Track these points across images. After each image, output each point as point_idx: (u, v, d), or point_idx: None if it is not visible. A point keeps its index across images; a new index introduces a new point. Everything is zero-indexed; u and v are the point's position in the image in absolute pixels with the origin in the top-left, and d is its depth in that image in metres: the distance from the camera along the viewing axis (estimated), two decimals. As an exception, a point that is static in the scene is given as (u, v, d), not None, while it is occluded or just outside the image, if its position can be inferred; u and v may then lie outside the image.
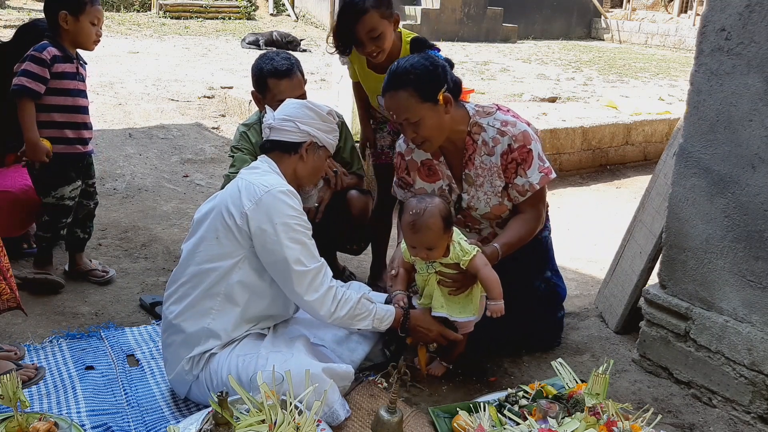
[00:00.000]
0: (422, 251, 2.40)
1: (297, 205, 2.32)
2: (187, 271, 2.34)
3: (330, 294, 2.32)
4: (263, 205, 2.25)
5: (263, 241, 2.26)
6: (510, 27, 15.54)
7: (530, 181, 2.52)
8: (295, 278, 2.27)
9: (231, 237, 2.28)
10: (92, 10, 2.98)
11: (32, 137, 2.94)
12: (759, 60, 2.25)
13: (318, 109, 2.46)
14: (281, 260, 2.26)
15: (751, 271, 2.37)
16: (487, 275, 2.39)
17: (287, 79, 2.90)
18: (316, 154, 2.46)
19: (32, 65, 2.91)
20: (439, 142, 2.54)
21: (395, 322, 2.45)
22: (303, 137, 2.41)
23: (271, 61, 2.94)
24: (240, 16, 15.68)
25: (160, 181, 4.91)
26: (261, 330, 2.43)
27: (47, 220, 3.12)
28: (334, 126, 2.50)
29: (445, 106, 2.45)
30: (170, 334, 2.36)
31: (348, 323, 2.39)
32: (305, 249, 2.29)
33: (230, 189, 2.36)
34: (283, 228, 2.25)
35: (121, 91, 7.42)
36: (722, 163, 2.40)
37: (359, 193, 3.12)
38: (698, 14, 11.86)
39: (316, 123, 2.43)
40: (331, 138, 2.50)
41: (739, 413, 2.43)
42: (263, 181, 2.31)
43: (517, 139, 2.51)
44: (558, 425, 2.07)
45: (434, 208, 2.35)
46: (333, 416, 2.23)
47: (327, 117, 2.47)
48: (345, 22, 2.84)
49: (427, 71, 2.43)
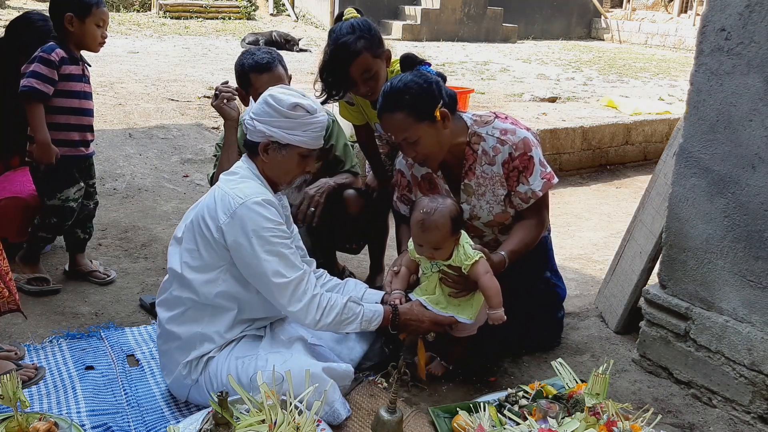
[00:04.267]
0: (428, 250, 2.41)
1: (273, 215, 2.24)
2: (174, 281, 2.34)
3: (314, 302, 2.29)
4: (238, 218, 2.20)
5: (240, 255, 2.23)
6: (510, 27, 15.53)
7: (532, 189, 2.52)
8: (276, 290, 2.25)
9: (210, 249, 2.26)
10: (98, 12, 2.98)
11: (43, 139, 2.93)
12: (759, 60, 2.25)
13: (278, 103, 2.22)
14: (260, 273, 2.23)
15: (751, 271, 2.37)
16: (488, 283, 2.39)
17: (268, 73, 2.89)
18: (280, 154, 2.28)
19: (41, 66, 2.90)
20: (440, 157, 2.53)
21: (385, 321, 2.43)
22: (259, 137, 2.27)
23: (252, 55, 2.93)
24: (240, 16, 15.66)
25: (160, 181, 4.90)
26: (257, 331, 2.43)
27: (54, 222, 3.12)
28: (305, 121, 2.25)
29: (442, 121, 2.43)
30: (165, 341, 2.37)
31: (335, 329, 2.37)
32: (283, 260, 2.24)
33: (207, 199, 2.31)
34: (258, 241, 2.20)
35: (121, 91, 7.41)
36: (722, 163, 2.40)
37: (356, 192, 3.11)
38: (698, 14, 11.86)
39: (274, 120, 2.23)
40: (300, 135, 2.25)
41: (739, 413, 2.43)
42: (238, 191, 2.23)
43: (517, 147, 2.50)
44: (558, 425, 2.07)
45: (445, 209, 2.36)
46: (334, 415, 2.23)
47: (289, 112, 2.22)
48: (337, 64, 2.75)
49: (422, 89, 2.41)
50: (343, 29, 2.76)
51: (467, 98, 5.56)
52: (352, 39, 2.70)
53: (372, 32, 2.77)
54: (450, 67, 10.04)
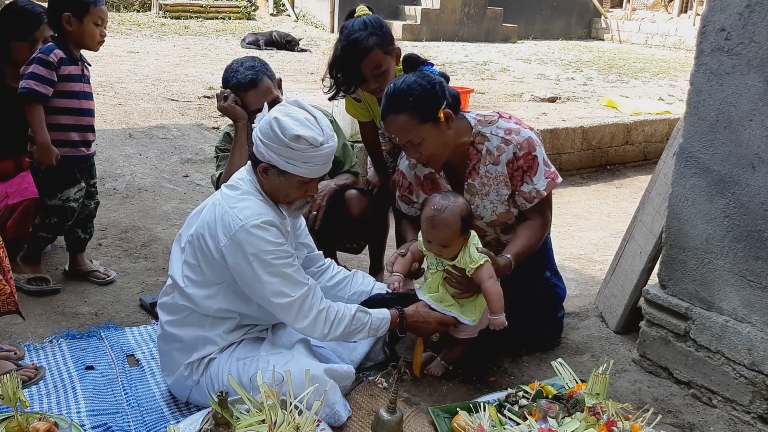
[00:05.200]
0: (436, 247, 2.41)
1: (274, 236, 2.20)
2: (175, 290, 2.34)
3: (321, 317, 2.28)
4: (237, 242, 2.17)
5: (242, 277, 2.22)
6: (510, 27, 15.52)
7: (537, 188, 2.52)
8: (280, 310, 2.25)
9: (211, 266, 2.25)
10: (96, 11, 2.96)
11: (43, 140, 2.93)
12: (759, 60, 2.25)
13: (281, 131, 2.14)
14: (263, 295, 2.23)
15: (751, 271, 2.37)
16: (491, 288, 2.39)
17: (254, 90, 2.85)
18: (279, 179, 2.23)
19: (39, 68, 2.90)
20: (444, 158, 2.52)
21: (392, 325, 2.44)
22: (261, 156, 2.22)
23: (235, 74, 2.87)
24: (240, 16, 15.66)
25: (160, 181, 4.90)
26: (259, 333, 2.43)
27: (55, 222, 3.12)
28: (307, 154, 2.16)
29: (446, 122, 2.42)
30: (166, 342, 2.37)
31: (344, 339, 2.38)
32: (286, 280, 2.22)
33: (208, 215, 2.26)
34: (259, 264, 2.18)
35: (121, 91, 7.41)
36: (722, 163, 2.40)
37: (358, 192, 3.11)
38: (698, 14, 11.86)
39: (275, 146, 2.16)
40: (300, 166, 2.18)
41: (739, 413, 2.43)
42: (238, 212, 2.19)
43: (521, 147, 2.50)
44: (558, 425, 2.07)
45: (456, 208, 2.37)
46: (335, 417, 2.24)
47: (290, 143, 2.14)
48: (349, 60, 2.78)
49: (425, 91, 2.39)
50: (355, 26, 2.78)
51: (467, 98, 5.57)
52: (364, 35, 2.74)
53: (383, 29, 2.80)
54: (450, 67, 10.03)
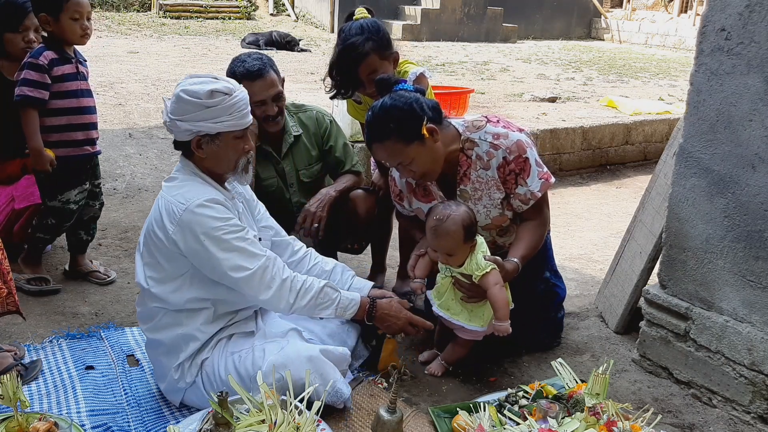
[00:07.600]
0: (442, 256, 2.45)
1: (220, 212, 2.20)
2: (144, 295, 2.34)
3: (285, 286, 2.28)
4: (185, 225, 2.17)
5: (198, 259, 2.22)
6: (510, 27, 15.52)
7: (531, 190, 2.53)
8: (243, 284, 2.24)
9: (169, 259, 2.25)
10: (70, 6, 2.89)
11: (36, 146, 2.92)
12: (759, 60, 2.25)
13: (194, 96, 2.14)
14: (222, 272, 2.21)
15: (751, 271, 2.37)
16: (497, 295, 2.41)
17: (261, 80, 2.84)
18: (214, 145, 2.22)
19: (31, 72, 2.89)
20: (439, 171, 2.53)
21: (361, 311, 2.43)
22: (188, 135, 2.20)
23: (243, 63, 2.87)
24: (240, 16, 15.66)
25: (160, 181, 4.87)
26: (247, 327, 2.42)
27: (53, 223, 3.11)
28: (227, 104, 2.16)
29: (432, 136, 2.43)
30: (152, 349, 2.40)
31: (310, 312, 2.37)
32: (242, 253, 2.21)
33: (153, 211, 2.27)
34: (211, 242, 2.17)
35: (121, 90, 7.41)
36: (722, 163, 2.40)
37: (364, 192, 3.10)
38: (698, 14, 11.86)
39: (196, 114, 2.15)
40: (226, 119, 2.17)
41: (739, 413, 2.43)
42: (180, 197, 2.19)
43: (511, 151, 2.50)
44: (558, 425, 2.07)
45: (457, 217, 2.39)
46: (337, 395, 2.24)
47: (208, 101, 2.13)
48: (345, 65, 2.79)
49: (403, 113, 2.39)
50: (352, 30, 2.78)
51: (467, 98, 5.55)
52: (361, 40, 2.74)
53: (380, 34, 2.79)
54: (450, 67, 10.03)
